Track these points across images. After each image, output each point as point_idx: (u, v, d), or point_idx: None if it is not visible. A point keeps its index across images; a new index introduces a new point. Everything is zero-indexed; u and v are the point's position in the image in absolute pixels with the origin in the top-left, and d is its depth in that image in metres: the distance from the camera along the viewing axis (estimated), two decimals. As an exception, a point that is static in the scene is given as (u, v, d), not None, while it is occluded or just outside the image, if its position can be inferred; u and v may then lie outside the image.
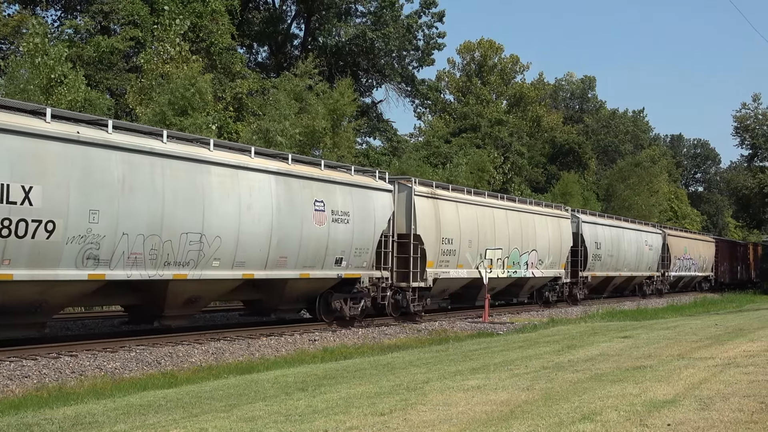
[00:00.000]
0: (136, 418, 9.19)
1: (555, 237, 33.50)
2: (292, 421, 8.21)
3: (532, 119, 70.95)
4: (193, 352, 17.23)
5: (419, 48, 55.77)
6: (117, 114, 33.19)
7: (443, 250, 25.55)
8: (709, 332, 17.76)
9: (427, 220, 24.80)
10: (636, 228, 44.36)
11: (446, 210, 25.96)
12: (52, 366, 14.75)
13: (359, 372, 12.88)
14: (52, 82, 27.39)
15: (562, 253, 34.20)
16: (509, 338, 19.71)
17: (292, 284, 20.52)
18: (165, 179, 16.47)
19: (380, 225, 22.93)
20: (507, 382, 10.35)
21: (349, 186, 21.90)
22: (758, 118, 65.55)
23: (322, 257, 20.79)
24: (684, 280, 53.04)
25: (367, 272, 22.75)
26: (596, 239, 37.98)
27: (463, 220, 26.80)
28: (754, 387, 9.31)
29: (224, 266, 17.92)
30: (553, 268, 33.46)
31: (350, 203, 21.72)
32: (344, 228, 21.39)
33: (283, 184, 19.57)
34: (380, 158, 46.78)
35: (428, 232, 24.79)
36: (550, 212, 33.99)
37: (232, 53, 39.91)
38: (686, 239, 53.37)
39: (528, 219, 31.58)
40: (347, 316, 22.45)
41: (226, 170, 17.96)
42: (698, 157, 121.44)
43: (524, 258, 30.92)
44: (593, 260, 37.57)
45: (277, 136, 31.68)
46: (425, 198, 25.00)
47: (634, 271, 43.24)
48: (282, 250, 19.39)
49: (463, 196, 27.67)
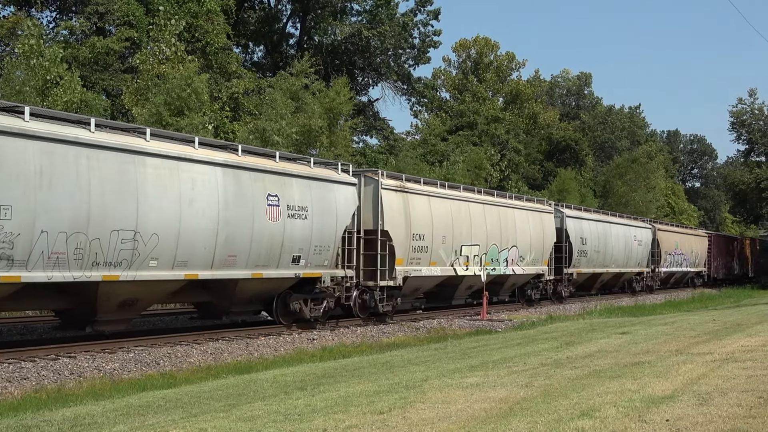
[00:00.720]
0: (135, 419, 9.19)
1: (537, 232, 32.26)
2: (291, 420, 8.21)
3: (529, 116, 70.96)
4: (191, 353, 17.23)
5: (415, 46, 55.76)
6: (113, 115, 33.18)
7: (414, 247, 24.41)
8: (708, 327, 17.78)
9: (395, 215, 23.61)
10: (624, 223, 43.26)
11: (417, 204, 24.77)
12: (50, 367, 14.74)
13: (358, 371, 12.88)
14: (48, 84, 27.37)
15: (545, 249, 32.96)
16: (507, 335, 19.73)
17: (244, 285, 19.18)
18: (92, 171, 15.07)
19: (343, 221, 21.69)
20: (506, 380, 10.36)
21: (307, 179, 20.55)
22: (754, 113, 65.55)
23: (277, 255, 19.50)
24: (675, 276, 52.06)
25: (329, 271, 21.42)
26: (582, 234, 36.75)
27: (435, 215, 25.53)
28: (753, 382, 9.32)
29: (163, 266, 16.58)
30: (535, 265, 32.21)
31: (309, 197, 20.43)
32: (302, 224, 20.11)
33: (232, 176, 18.21)
34: (377, 157, 46.76)
35: (397, 227, 23.59)
36: (531, 206, 32.68)
37: (228, 53, 39.87)
38: (677, 234, 52.31)
39: (507, 213, 30.28)
40: (308, 317, 21.31)
41: (165, 162, 16.57)
42: (695, 152, 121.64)
43: (504, 254, 29.69)
44: (579, 256, 36.32)
45: (273, 135, 31.65)
46: (394, 192, 23.78)
47: (623, 268, 42.04)
48: (230, 248, 18.11)
49: (436, 189, 26.36)
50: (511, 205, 30.97)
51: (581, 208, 39.86)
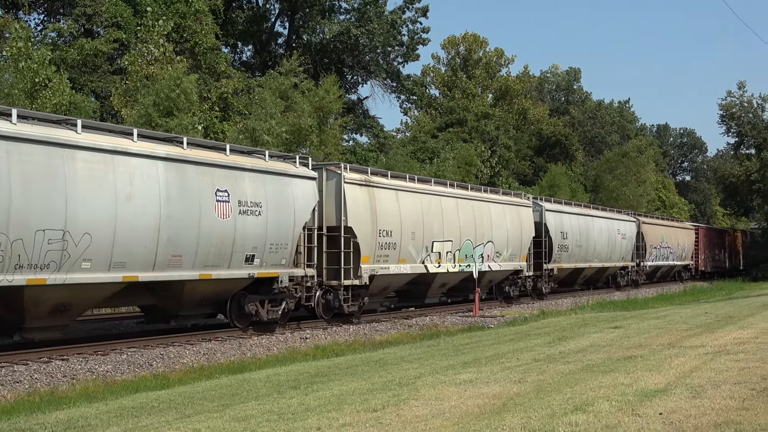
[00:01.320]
0: (129, 421, 9.18)
1: (514, 227, 31.29)
2: (285, 419, 8.21)
3: (518, 112, 71.03)
4: (184, 353, 17.22)
5: (404, 44, 55.75)
6: (102, 116, 33.10)
7: (381, 244, 23.37)
8: (700, 320, 17.83)
9: (360, 210, 22.63)
10: (607, 216, 42.17)
11: (384, 199, 23.75)
12: (43, 370, 14.71)
13: (351, 369, 12.88)
14: (37, 86, 27.27)
15: (523, 244, 32.01)
16: (500, 331, 19.75)
17: (192, 286, 17.99)
18: (12, 166, 14.00)
19: (302, 217, 20.63)
20: (499, 376, 10.37)
21: (261, 173, 19.45)
22: (744, 106, 65.69)
23: (228, 255, 18.40)
24: (662, 270, 51.28)
25: (287, 270, 20.34)
26: (562, 229, 35.72)
27: (404, 210, 24.51)
28: (745, 374, 9.35)
29: (98, 268, 15.40)
30: (513, 261, 31.18)
31: (263, 192, 19.33)
32: (255, 221, 19.01)
33: (175, 171, 17.06)
34: (367, 155, 46.77)
35: (362, 223, 22.62)
36: (508, 200, 31.74)
37: (217, 53, 39.81)
38: (663, 227, 51.42)
39: (482, 208, 29.30)
40: (265, 320, 20.20)
41: (98, 155, 15.44)
42: (685, 146, 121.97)
43: (479, 250, 28.62)
44: (559, 251, 35.30)
45: (263, 135, 31.63)
46: (358, 186, 22.79)
47: (606, 262, 40.90)
48: (174, 247, 16.96)
49: (405, 183, 25.28)
50: (487, 199, 30.03)
51: (561, 202, 38.79)
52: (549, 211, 34.83)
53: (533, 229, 32.80)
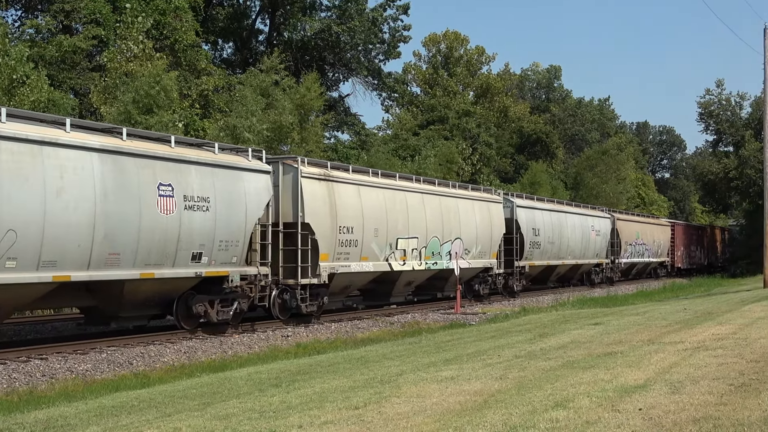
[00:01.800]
0: (109, 420, 9.13)
1: (484, 223, 30.37)
2: (266, 417, 8.19)
3: (499, 110, 71.17)
4: (165, 352, 17.15)
5: (385, 41, 55.69)
6: (81, 113, 32.87)
7: (341, 241, 22.52)
8: (679, 317, 17.95)
9: (319, 205, 21.76)
10: (581, 212, 41.40)
11: (345, 194, 22.89)
12: (22, 370, 14.61)
13: (333, 366, 12.88)
14: (14, 83, 27.04)
15: (493, 241, 31.10)
16: (482, 328, 19.80)
17: (133, 286, 16.98)
18: None
19: (254, 213, 19.67)
20: (480, 372, 10.40)
21: (209, 166, 18.43)
22: (722, 103, 66.15)
23: (173, 252, 17.37)
24: (637, 267, 50.87)
25: (238, 269, 19.40)
26: (534, 225, 34.92)
27: (366, 206, 23.61)
28: (723, 369, 9.43)
29: (25, 267, 14.39)
30: (482, 258, 30.29)
31: (211, 187, 18.34)
32: (203, 217, 18.00)
33: (112, 163, 16.00)
34: (349, 152, 46.71)
35: (320, 219, 21.74)
36: (477, 196, 30.77)
37: (197, 50, 39.61)
38: (638, 223, 50.84)
39: (450, 204, 28.37)
40: (215, 321, 19.20)
41: (24, 146, 14.40)
42: (664, 143, 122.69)
43: (446, 247, 27.74)
44: (531, 248, 34.49)
45: (244, 132, 31.53)
46: (317, 180, 21.88)
47: (580, 259, 40.19)
48: (112, 244, 15.90)
49: (367, 178, 24.39)
50: (455, 194, 29.11)
51: (534, 198, 38.13)
52: (520, 207, 34.10)
53: (504, 225, 32.03)
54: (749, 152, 59.98)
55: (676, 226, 59.72)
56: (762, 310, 18.74)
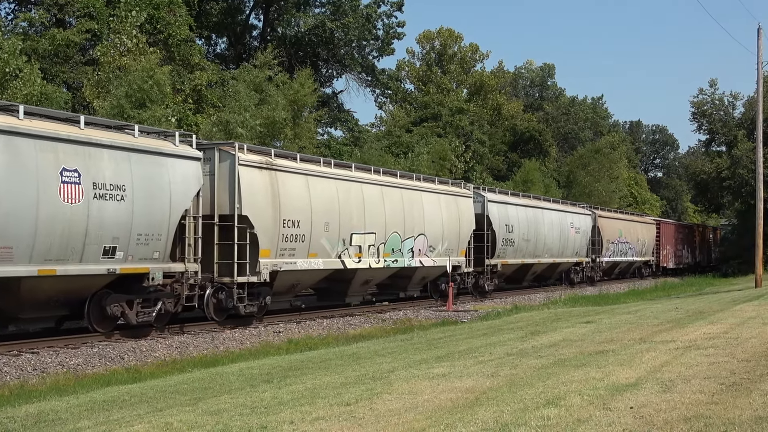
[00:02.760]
0: (100, 414, 9.11)
1: (451, 219, 28.65)
2: (257, 413, 8.18)
3: (493, 107, 71.19)
4: (156, 347, 17.13)
5: (379, 38, 55.67)
6: (74, 107, 32.79)
7: (286, 236, 20.74)
8: (670, 316, 17.99)
9: (259, 197, 20.00)
10: (559, 209, 39.49)
11: (291, 185, 21.15)
12: (13, 364, 14.57)
13: (324, 363, 12.88)
14: (7, 76, 26.98)
15: (462, 237, 29.34)
16: (473, 326, 19.83)
17: (32, 284, 15.15)
18: None
19: (180, 203, 17.82)
20: (472, 370, 10.41)
21: (126, 151, 16.49)
22: (715, 103, 66.24)
23: (80, 246, 15.53)
24: (620, 266, 49.06)
25: (161, 265, 17.49)
26: (507, 221, 33.19)
27: (316, 198, 21.90)
28: (715, 369, 9.45)
29: None
30: (449, 256, 28.52)
31: (128, 173, 16.46)
32: (117, 207, 16.10)
33: (4, 145, 14.32)
34: (342, 148, 46.70)
35: (261, 212, 19.98)
36: (444, 189, 28.97)
37: (191, 45, 39.52)
38: (621, 221, 48.90)
39: (413, 197, 26.64)
40: (134, 323, 17.39)
41: None
42: (657, 142, 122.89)
43: (408, 244, 26.06)
44: (504, 246, 32.80)
45: (237, 127, 31.50)
46: (257, 169, 20.16)
47: (558, 257, 38.49)
48: (3, 237, 14.19)
49: (318, 167, 22.60)
50: (418, 187, 27.39)
51: (507, 192, 36.19)
52: (492, 202, 32.43)
53: (474, 221, 30.30)
54: (742, 152, 60.11)
55: (662, 224, 58.30)
56: (753, 309, 18.80)
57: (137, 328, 17.82)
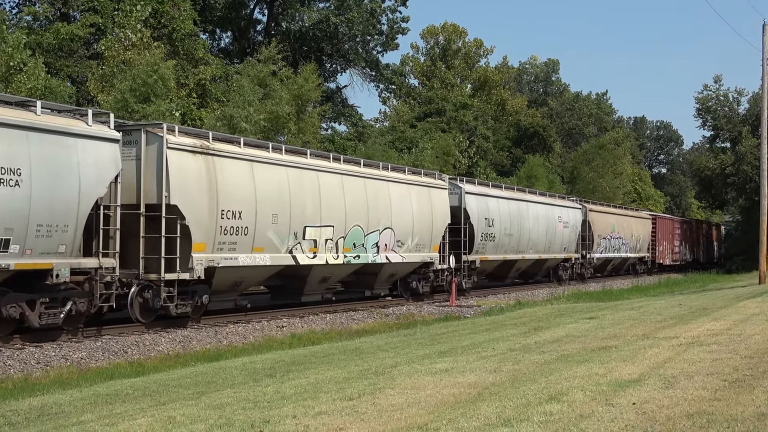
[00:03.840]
0: (103, 408, 9.13)
1: (423, 211, 26.74)
2: (260, 407, 8.20)
3: (497, 103, 71.11)
4: (159, 341, 17.16)
5: (383, 32, 55.66)
6: (78, 101, 32.81)
7: (225, 228, 18.78)
8: (674, 312, 17.97)
9: (192, 184, 18.02)
10: (546, 202, 37.46)
11: (232, 172, 19.17)
12: (16, 357, 14.60)
13: (327, 357, 12.89)
14: (11, 70, 27.00)
15: (435, 232, 27.38)
16: (476, 321, 19.82)
17: None
18: None
19: (92, 190, 15.90)
20: (475, 365, 10.41)
21: (21, 129, 14.64)
22: (720, 99, 66.11)
23: None
24: (613, 263, 47.02)
25: (69, 260, 15.49)
26: (487, 215, 31.15)
27: (263, 187, 19.94)
28: (717, 365, 9.44)
29: None
30: (421, 252, 26.67)
31: (25, 155, 14.61)
32: (9, 193, 14.27)
33: None
34: (346, 143, 46.71)
35: (194, 201, 18.01)
36: (415, 180, 26.99)
37: (195, 39, 39.56)
38: (614, 215, 46.86)
39: (379, 188, 24.75)
40: (36, 326, 15.42)
41: None
42: (661, 138, 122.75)
43: (372, 238, 24.17)
44: (484, 241, 30.79)
45: (241, 122, 31.51)
46: (190, 153, 18.16)
47: (545, 253, 36.46)
48: None
49: (265, 153, 20.58)
50: (386, 177, 25.31)
51: (488, 184, 34.10)
52: (470, 194, 30.33)
53: (449, 214, 28.34)
54: (746, 148, 60.02)
55: (659, 219, 56.27)
56: (757, 306, 18.77)
57: (42, 331, 15.87)
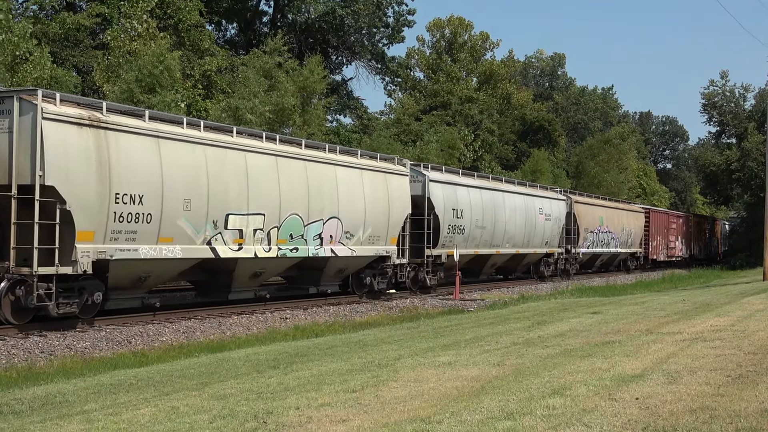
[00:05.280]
0: (107, 397, 9.16)
1: (378, 200, 24.19)
2: (263, 398, 8.21)
3: (502, 97, 71.03)
4: (163, 331, 17.19)
5: (389, 25, 55.56)
6: (84, 91, 32.84)
7: (121, 215, 16.15)
8: (677, 308, 17.95)
9: (75, 162, 15.43)
10: (525, 192, 34.89)
11: (131, 149, 16.56)
12: (21, 346, 14.64)
13: (331, 349, 12.91)
14: (17, 60, 27.01)
15: (392, 222, 24.84)
16: (480, 315, 19.83)
17: None
18: None
19: None
20: (478, 358, 10.41)
21: None
22: (725, 95, 66.02)
23: None
24: (602, 259, 44.63)
25: None
26: (455, 205, 28.59)
27: (171, 168, 17.20)
28: (721, 361, 9.43)
29: None
30: (375, 244, 24.20)
31: None
32: None
33: None
34: (350, 136, 46.68)
35: (78, 182, 15.43)
36: (369, 165, 24.45)
37: (201, 30, 39.54)
38: (603, 208, 44.03)
39: (323, 172, 22.11)
40: None
41: None
42: (667, 134, 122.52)
43: (314, 229, 21.66)
44: (451, 233, 28.23)
45: (246, 113, 31.51)
46: (75, 126, 15.51)
47: (523, 248, 33.98)
48: None
49: (176, 129, 17.66)
50: (332, 160, 22.70)
51: (458, 172, 31.07)
52: (435, 182, 27.70)
53: (409, 203, 25.89)
54: (752, 144, 59.92)
55: (653, 213, 53.71)
56: (761, 302, 18.75)
57: None
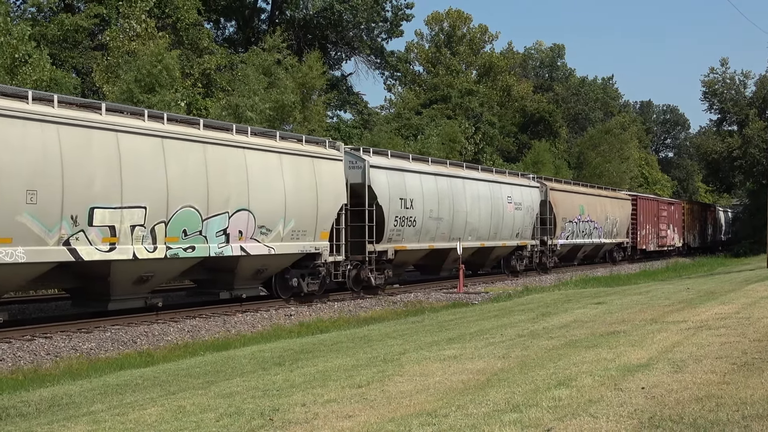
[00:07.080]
0: (113, 398, 9.17)
1: (302, 188, 21.11)
2: (270, 396, 8.21)
3: (502, 89, 70.92)
4: (168, 331, 17.21)
5: (387, 19, 55.53)
6: (84, 93, 32.84)
7: None
8: (682, 296, 17.94)
9: None
10: (491, 179, 31.47)
11: None
12: (26, 348, 14.67)
13: (336, 345, 12.91)
14: (16, 62, 27.01)
15: (322, 215, 21.85)
16: (484, 308, 19.83)
17: None
18: None
19: None
20: (483, 351, 10.41)
21: None
22: (726, 82, 65.92)
23: None
24: (584, 250, 41.36)
25: None
26: (404, 194, 25.23)
27: (9, 153, 14.19)
28: (726, 349, 9.43)
29: None
30: (300, 240, 21.07)
31: None
32: None
33: None
34: (351, 131, 46.66)
35: None
36: (290, 148, 21.14)
37: (199, 29, 39.53)
38: (583, 195, 40.65)
39: (228, 156, 18.92)
40: None
41: None
42: (668, 122, 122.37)
43: (216, 223, 18.50)
44: (399, 226, 24.98)
45: (246, 111, 31.50)
46: None
47: (490, 240, 30.68)
48: None
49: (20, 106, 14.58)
50: (239, 143, 19.40)
51: (408, 157, 27.62)
52: (377, 168, 24.37)
53: (345, 192, 22.97)
54: (753, 131, 59.84)
55: (640, 200, 50.11)
56: (765, 289, 18.72)
57: None
